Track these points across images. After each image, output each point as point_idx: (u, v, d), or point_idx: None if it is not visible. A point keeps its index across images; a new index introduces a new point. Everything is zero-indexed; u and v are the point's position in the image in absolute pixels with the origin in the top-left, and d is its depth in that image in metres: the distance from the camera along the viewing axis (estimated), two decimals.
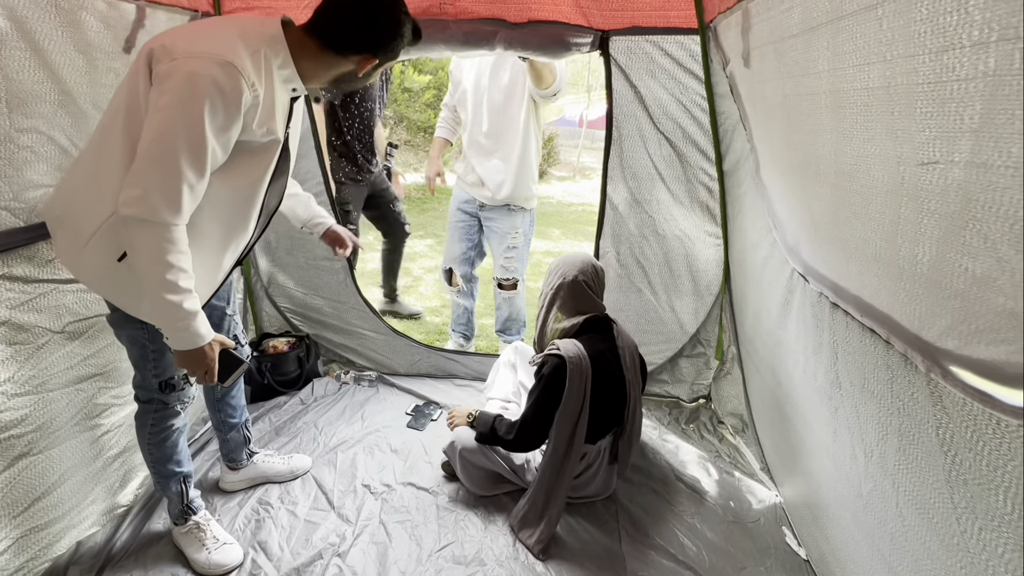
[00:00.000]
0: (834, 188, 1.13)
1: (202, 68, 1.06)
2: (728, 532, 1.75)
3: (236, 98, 1.09)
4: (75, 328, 1.50)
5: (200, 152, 1.09)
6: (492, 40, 1.98)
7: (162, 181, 1.08)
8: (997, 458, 0.76)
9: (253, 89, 1.13)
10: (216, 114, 1.08)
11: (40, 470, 1.41)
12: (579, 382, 1.63)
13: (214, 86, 1.06)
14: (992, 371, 0.74)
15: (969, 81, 0.73)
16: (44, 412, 1.41)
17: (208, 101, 1.06)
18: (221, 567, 1.54)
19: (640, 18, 1.94)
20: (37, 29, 1.30)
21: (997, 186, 0.70)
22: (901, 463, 1.00)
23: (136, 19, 1.61)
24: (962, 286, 0.78)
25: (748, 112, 1.68)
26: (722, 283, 2.28)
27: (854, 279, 1.11)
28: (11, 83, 1.25)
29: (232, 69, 1.08)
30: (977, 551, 0.83)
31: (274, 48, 1.18)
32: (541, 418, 1.68)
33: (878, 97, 0.92)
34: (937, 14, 0.77)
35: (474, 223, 2.78)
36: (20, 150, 1.29)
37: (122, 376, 1.68)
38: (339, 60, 1.24)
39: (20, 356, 1.34)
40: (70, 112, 1.42)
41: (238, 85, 1.09)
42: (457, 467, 1.86)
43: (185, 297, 1.15)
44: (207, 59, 1.07)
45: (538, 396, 1.68)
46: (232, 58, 1.08)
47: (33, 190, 1.34)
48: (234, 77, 1.08)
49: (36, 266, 1.38)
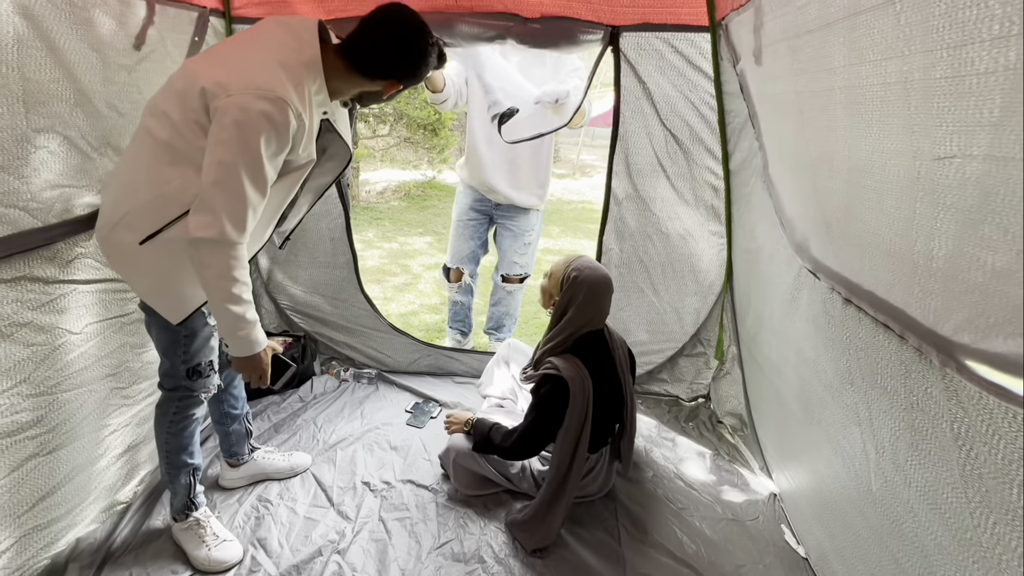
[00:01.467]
0: (847, 184, 1.13)
1: (256, 105, 1.17)
2: (727, 530, 1.75)
3: (286, 129, 1.21)
4: (94, 329, 1.50)
5: (260, 178, 1.22)
6: (504, 35, 1.97)
7: (230, 206, 1.20)
8: (1012, 451, 0.76)
9: (299, 119, 1.24)
10: (271, 144, 1.21)
11: (47, 470, 1.40)
12: (581, 403, 1.60)
13: (267, 120, 1.18)
14: (1009, 364, 0.75)
15: (989, 75, 0.73)
16: (58, 413, 1.41)
17: (264, 134, 1.18)
18: (221, 564, 1.54)
19: (651, 15, 1.94)
20: (53, 28, 1.29)
21: (1017, 179, 0.70)
22: (914, 458, 1.01)
23: (146, 16, 1.61)
24: (980, 280, 0.78)
25: (758, 109, 1.68)
26: (724, 283, 2.28)
27: (867, 274, 1.11)
28: (28, 83, 1.24)
29: (282, 104, 1.19)
30: (991, 545, 0.83)
31: (312, 75, 1.28)
32: (539, 435, 1.67)
33: (895, 92, 0.92)
34: (956, 9, 0.77)
35: (485, 221, 2.77)
36: (37, 150, 1.28)
37: (133, 376, 1.68)
38: (367, 82, 1.36)
39: (36, 357, 1.34)
40: (85, 111, 1.41)
41: (287, 118, 1.20)
42: (451, 473, 1.85)
43: (247, 308, 1.28)
44: (257, 95, 1.18)
45: (537, 416, 1.65)
46: (281, 92, 1.19)
47: (50, 190, 1.33)
48: (283, 111, 1.19)
49: (57, 267, 1.38)
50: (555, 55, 2.40)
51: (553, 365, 1.64)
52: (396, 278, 4.61)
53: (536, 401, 1.66)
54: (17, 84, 1.22)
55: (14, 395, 1.29)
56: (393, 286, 4.41)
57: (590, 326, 1.68)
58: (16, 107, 1.22)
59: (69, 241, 1.40)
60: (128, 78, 1.56)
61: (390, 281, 4.52)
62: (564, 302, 1.68)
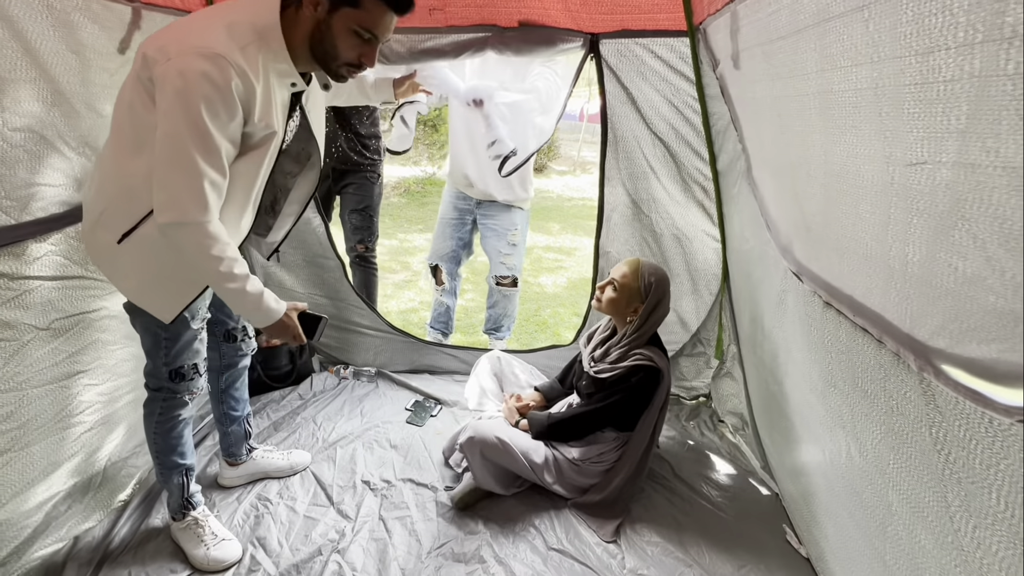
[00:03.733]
0: (824, 188, 1.13)
1: (191, 64, 1.07)
2: (728, 530, 1.75)
3: (229, 89, 1.11)
4: (61, 325, 1.49)
5: (211, 148, 1.13)
6: (483, 46, 1.98)
7: (184, 182, 1.12)
8: (990, 456, 0.76)
9: (245, 78, 1.13)
10: (214, 108, 1.10)
11: (20, 467, 1.40)
12: (665, 391, 1.81)
13: (205, 80, 1.08)
14: (983, 370, 0.75)
15: (955, 82, 0.73)
16: (28, 409, 1.41)
17: (204, 97, 1.08)
18: (220, 563, 1.54)
19: (629, 21, 1.94)
20: (29, 29, 1.30)
21: (985, 186, 0.70)
22: (896, 462, 1.01)
23: (131, 20, 1.61)
24: (952, 285, 0.78)
25: (739, 113, 1.69)
26: (721, 282, 2.29)
27: (846, 278, 1.11)
28: (3, 82, 1.26)
29: (220, 60, 1.09)
30: (971, 549, 0.83)
31: (266, 41, 1.17)
32: (619, 416, 1.83)
33: (866, 98, 0.93)
34: (923, 16, 0.78)
35: (467, 220, 2.77)
36: (12, 149, 1.29)
37: (107, 373, 1.67)
38: (297, 14, 1.19)
39: (5, 353, 1.33)
40: (63, 111, 1.42)
41: (228, 76, 1.10)
42: (473, 464, 1.77)
43: (244, 282, 1.23)
44: (194, 54, 1.08)
45: (623, 399, 1.80)
46: (220, 49, 1.09)
47: (25, 188, 1.34)
48: (223, 68, 1.09)
49: (23, 263, 1.37)
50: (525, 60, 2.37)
51: (646, 356, 1.79)
52: (396, 275, 4.60)
53: (625, 386, 1.80)
54: None
55: None
56: (393, 283, 4.41)
57: (666, 315, 1.89)
58: None
59: (39, 239, 1.40)
60: (110, 80, 1.56)
61: (390, 278, 4.51)
62: (652, 304, 1.83)
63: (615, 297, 1.84)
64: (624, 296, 1.83)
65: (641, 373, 1.78)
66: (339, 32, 1.19)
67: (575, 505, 1.82)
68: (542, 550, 1.66)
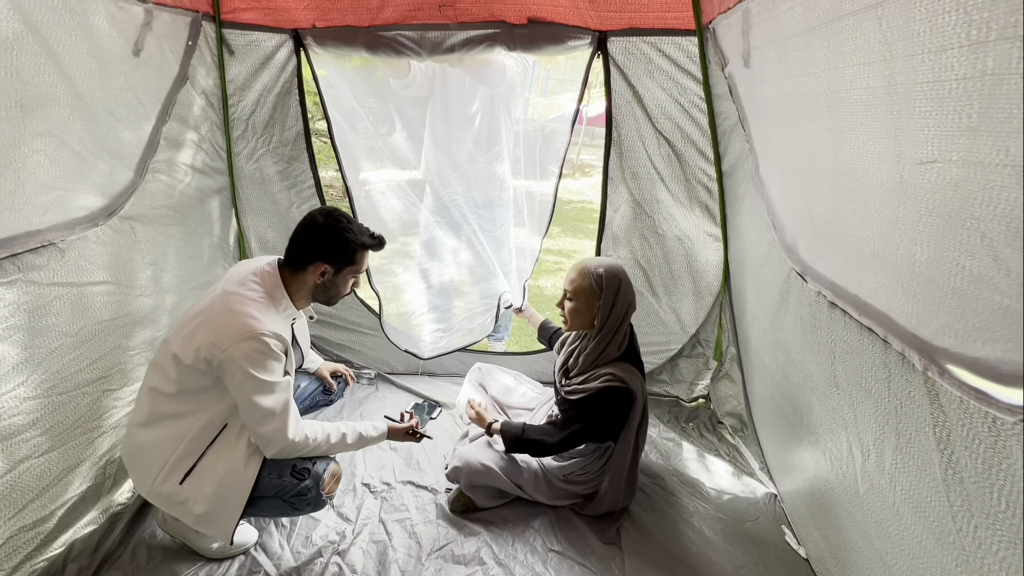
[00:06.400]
0: (833, 187, 1.13)
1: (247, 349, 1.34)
2: (727, 530, 1.75)
3: (277, 353, 1.41)
4: (89, 331, 1.51)
5: (280, 387, 1.40)
6: (493, 43, 1.98)
7: (279, 423, 1.41)
8: (992, 456, 0.76)
9: (279, 338, 1.41)
10: (272, 367, 1.39)
11: (40, 471, 1.40)
12: (640, 407, 1.69)
13: (260, 355, 1.36)
14: (988, 369, 0.75)
15: (967, 80, 0.73)
16: (53, 415, 1.42)
17: (263, 367, 1.37)
18: (239, 547, 1.57)
19: (638, 19, 1.94)
20: (51, 33, 1.29)
21: (995, 184, 0.70)
22: (898, 462, 1.01)
23: (144, 22, 1.62)
24: (959, 284, 0.78)
25: (747, 112, 1.68)
26: (722, 283, 2.29)
27: (852, 278, 1.11)
28: (26, 87, 1.25)
29: (265, 338, 1.36)
30: (972, 549, 0.83)
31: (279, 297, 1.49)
32: (593, 437, 1.73)
33: (877, 96, 0.93)
34: (936, 14, 0.78)
35: None
36: (34, 154, 1.29)
37: (124, 379, 1.68)
38: (303, 275, 1.53)
39: (35, 359, 1.34)
40: (82, 116, 1.42)
41: (271, 347, 1.38)
42: (464, 489, 1.80)
43: (342, 438, 1.54)
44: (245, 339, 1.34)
45: (594, 423, 1.68)
46: (261, 329, 1.36)
47: (47, 193, 1.34)
48: (265, 343, 1.37)
49: (52, 269, 1.38)
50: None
51: (615, 376, 1.63)
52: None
53: (596, 409, 1.66)
54: (15, 89, 1.23)
55: (11, 399, 1.29)
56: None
57: (632, 308, 1.71)
58: (13, 111, 1.23)
59: (63, 243, 1.40)
60: (125, 83, 1.56)
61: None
62: (611, 295, 1.66)
63: (575, 306, 1.71)
64: (583, 300, 1.70)
65: (611, 396, 1.65)
66: (341, 283, 1.59)
67: (574, 510, 1.79)
68: (541, 551, 1.65)
